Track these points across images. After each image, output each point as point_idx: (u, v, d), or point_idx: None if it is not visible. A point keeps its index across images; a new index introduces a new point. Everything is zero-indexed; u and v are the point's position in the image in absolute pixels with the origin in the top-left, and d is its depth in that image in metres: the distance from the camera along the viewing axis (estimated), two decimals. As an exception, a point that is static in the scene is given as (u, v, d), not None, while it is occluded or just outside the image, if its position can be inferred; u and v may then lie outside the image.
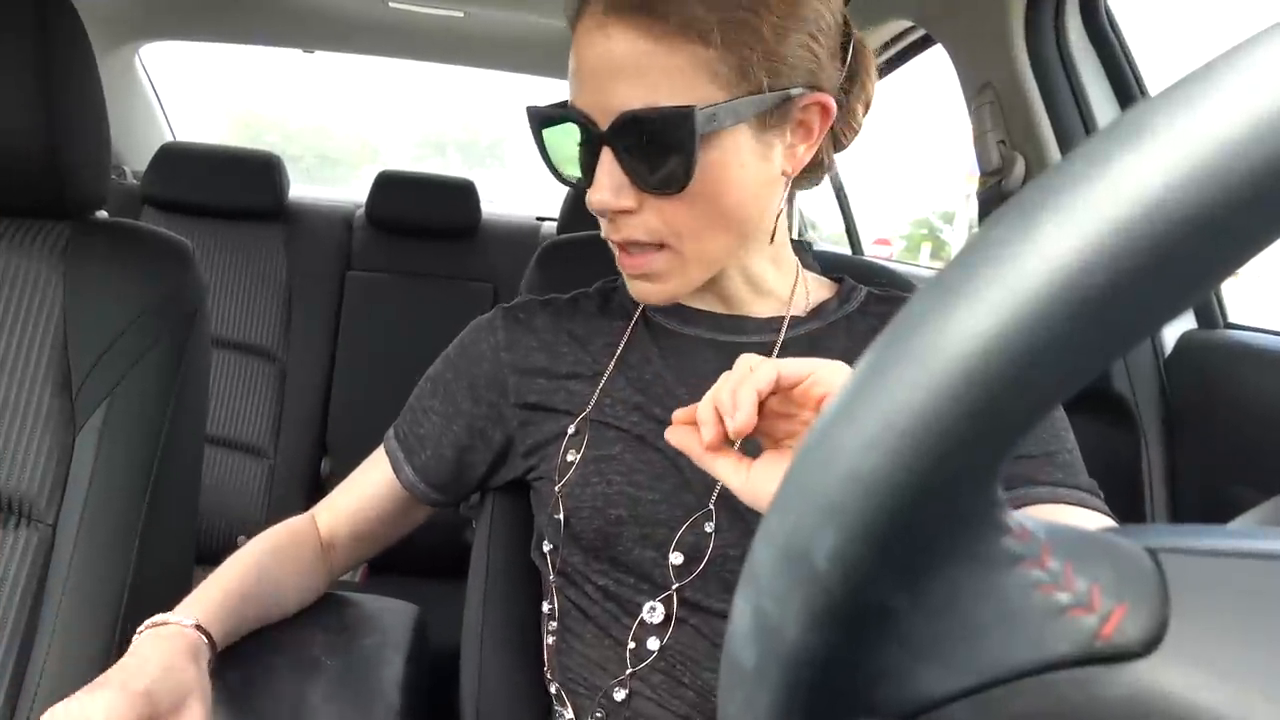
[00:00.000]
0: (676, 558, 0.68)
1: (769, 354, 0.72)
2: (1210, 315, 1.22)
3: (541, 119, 0.66)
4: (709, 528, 0.67)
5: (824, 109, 0.67)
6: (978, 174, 1.41)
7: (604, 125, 0.61)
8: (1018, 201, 0.20)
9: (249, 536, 0.80)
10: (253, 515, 1.91)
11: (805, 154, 0.68)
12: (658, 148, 0.60)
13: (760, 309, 0.75)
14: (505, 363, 0.76)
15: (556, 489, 0.72)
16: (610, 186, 0.62)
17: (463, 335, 0.81)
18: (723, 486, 0.67)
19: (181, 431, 0.93)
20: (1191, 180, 0.18)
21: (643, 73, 0.59)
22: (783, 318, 0.74)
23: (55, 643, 0.82)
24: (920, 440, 0.20)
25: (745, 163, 0.64)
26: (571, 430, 0.73)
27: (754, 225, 0.69)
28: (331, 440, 2.02)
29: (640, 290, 0.69)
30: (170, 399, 0.91)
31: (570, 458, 0.72)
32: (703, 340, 0.74)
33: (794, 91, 0.63)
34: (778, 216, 0.70)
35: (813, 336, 0.73)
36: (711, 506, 0.67)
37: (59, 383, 0.87)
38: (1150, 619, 0.21)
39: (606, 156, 0.62)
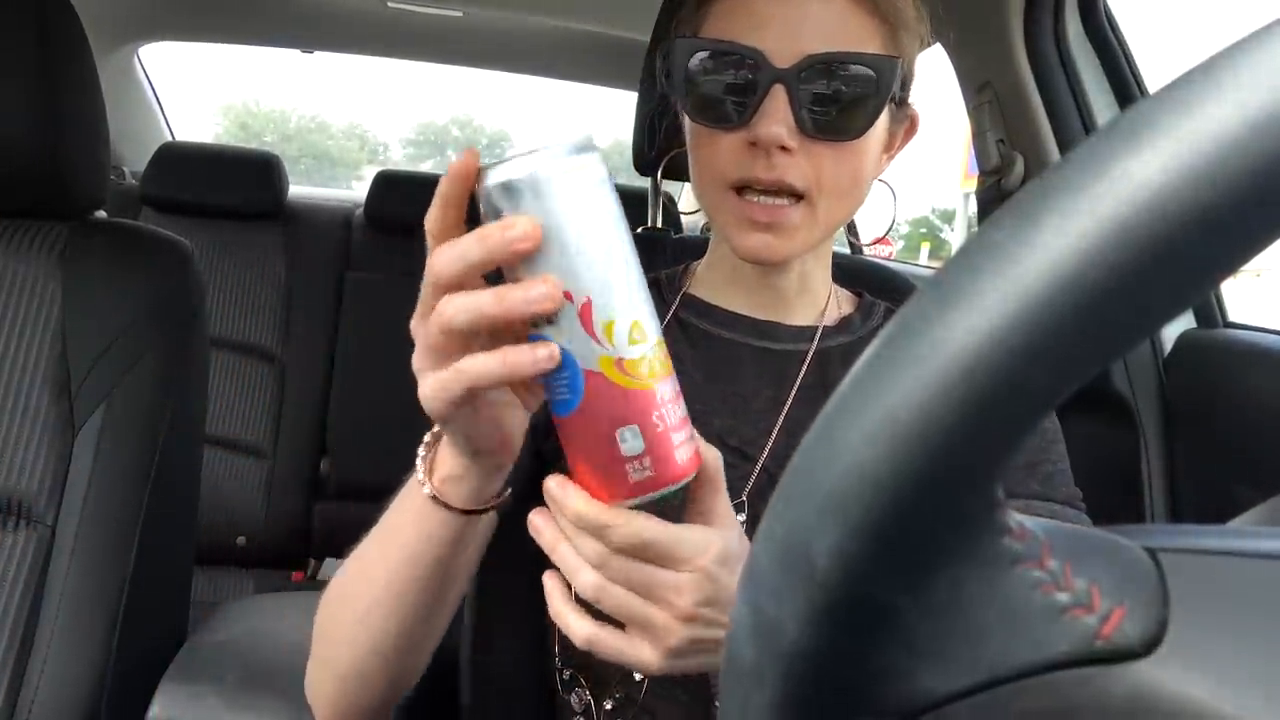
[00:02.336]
0: None
1: (801, 364, 0.72)
2: (1210, 315, 1.22)
3: (693, 51, 0.67)
4: (741, 518, 0.67)
5: (913, 125, 0.71)
6: (976, 173, 1.41)
7: (783, 65, 0.63)
8: (1017, 201, 0.20)
9: (249, 537, 0.80)
10: (252, 515, 1.90)
11: (884, 163, 0.71)
12: (843, 93, 0.63)
13: (797, 315, 0.75)
14: None
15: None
16: (783, 121, 0.64)
17: None
18: (754, 483, 0.67)
19: (181, 432, 0.93)
20: (1191, 179, 0.18)
21: (839, 27, 0.64)
22: (815, 327, 0.75)
23: (55, 643, 0.82)
24: (921, 437, 0.20)
25: (881, 139, 0.68)
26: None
27: (856, 210, 0.71)
28: (331, 440, 2.02)
29: (758, 244, 0.68)
30: (169, 400, 0.91)
31: None
32: (738, 344, 0.74)
33: (910, 97, 0.68)
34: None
35: (845, 350, 0.74)
36: (745, 498, 0.67)
37: (58, 384, 0.87)
38: (1150, 619, 0.21)
39: (779, 94, 0.64)
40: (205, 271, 2.01)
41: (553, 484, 0.47)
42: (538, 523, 0.48)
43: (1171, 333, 1.22)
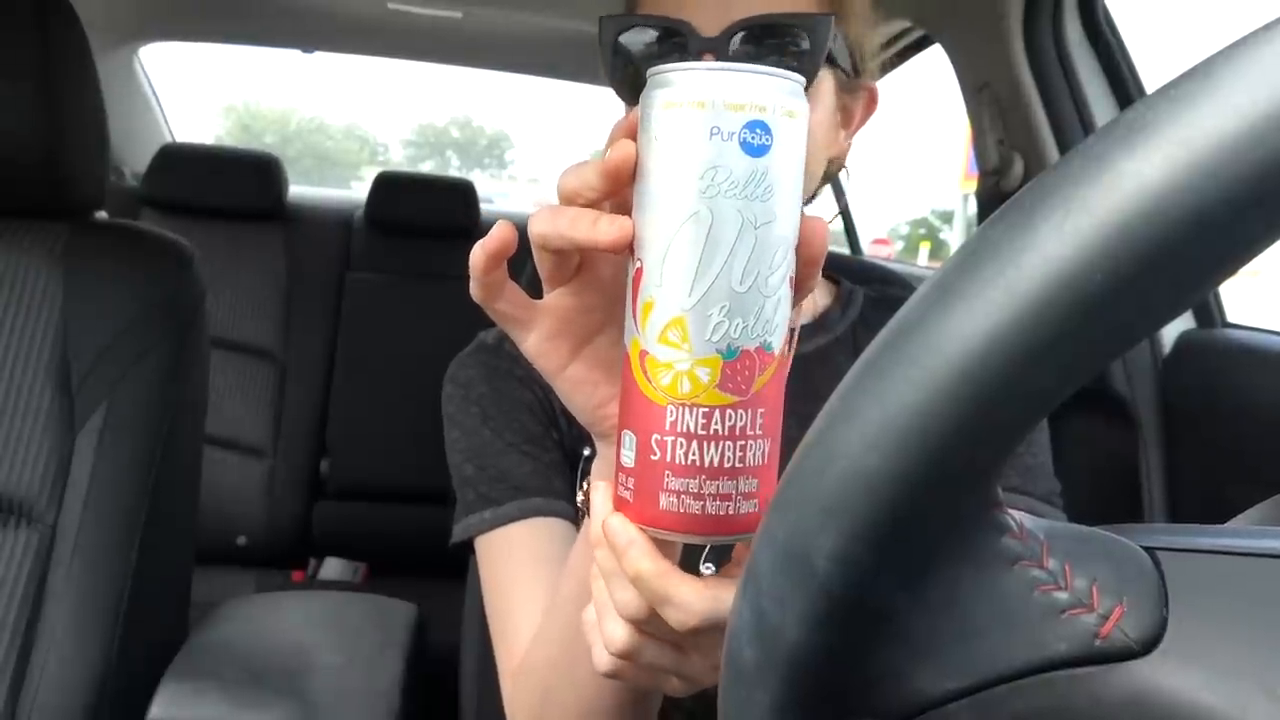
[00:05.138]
0: (707, 569, 0.66)
1: None
2: (1208, 315, 1.22)
3: (621, 28, 0.62)
4: None
5: (872, 99, 0.67)
6: (976, 174, 1.41)
7: (711, 34, 0.59)
8: (1016, 202, 0.20)
9: (249, 537, 0.79)
10: (252, 515, 1.90)
11: (845, 141, 0.67)
12: (780, 57, 0.59)
13: None
14: (538, 380, 0.71)
15: (579, 501, 0.69)
16: None
17: (482, 371, 0.71)
18: None
19: (181, 432, 0.93)
20: (1190, 180, 0.18)
21: None
22: (792, 330, 0.72)
23: (55, 643, 0.82)
24: (919, 439, 0.20)
25: (830, 110, 0.63)
26: (586, 452, 0.69)
27: (812, 188, 0.67)
28: (331, 440, 2.02)
29: None
30: (170, 399, 0.91)
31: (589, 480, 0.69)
32: None
33: (863, 71, 0.64)
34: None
35: (823, 353, 0.71)
36: None
37: (59, 383, 0.87)
38: (1149, 618, 0.21)
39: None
40: (205, 272, 2.01)
41: (618, 528, 0.39)
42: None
43: (1170, 333, 1.22)
